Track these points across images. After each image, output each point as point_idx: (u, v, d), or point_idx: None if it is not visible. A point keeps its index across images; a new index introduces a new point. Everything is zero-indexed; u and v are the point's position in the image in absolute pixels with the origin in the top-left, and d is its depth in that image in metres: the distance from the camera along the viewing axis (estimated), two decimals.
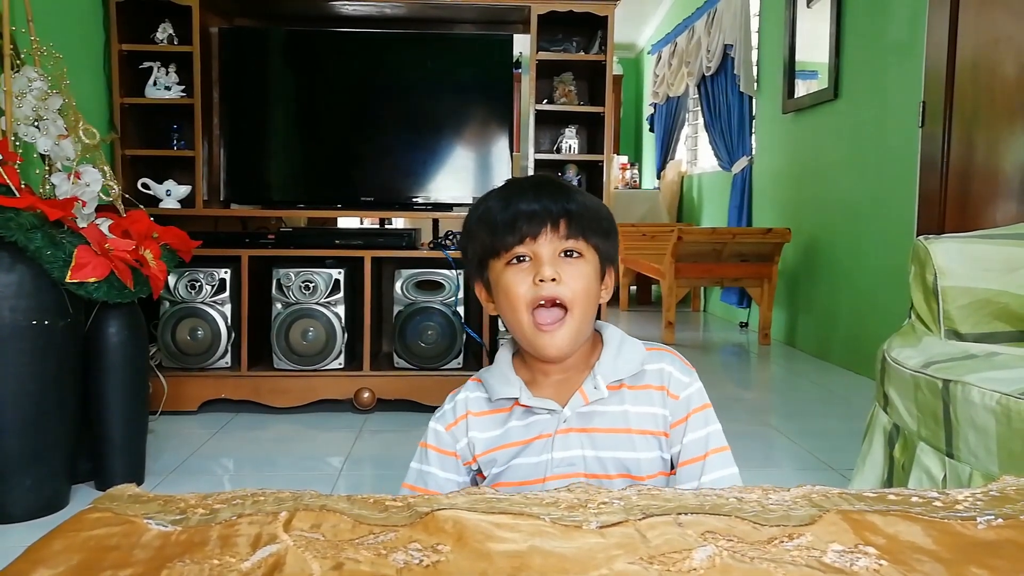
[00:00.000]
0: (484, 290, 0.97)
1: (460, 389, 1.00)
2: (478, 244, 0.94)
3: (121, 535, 0.50)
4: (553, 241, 0.89)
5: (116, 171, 2.64)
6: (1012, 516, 0.52)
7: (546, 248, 0.89)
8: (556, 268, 0.88)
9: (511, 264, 0.90)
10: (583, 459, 0.90)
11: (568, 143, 3.08)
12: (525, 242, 0.89)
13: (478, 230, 0.94)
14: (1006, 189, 2.40)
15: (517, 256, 0.90)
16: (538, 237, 0.89)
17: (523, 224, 0.89)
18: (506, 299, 0.91)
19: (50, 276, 1.72)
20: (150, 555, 0.47)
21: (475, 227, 0.95)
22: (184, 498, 0.56)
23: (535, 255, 0.89)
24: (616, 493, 0.56)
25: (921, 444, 1.39)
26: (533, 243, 0.89)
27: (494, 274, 0.93)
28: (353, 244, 2.75)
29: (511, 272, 0.90)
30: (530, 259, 0.90)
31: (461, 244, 1.00)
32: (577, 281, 0.89)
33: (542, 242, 0.89)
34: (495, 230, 0.91)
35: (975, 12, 2.51)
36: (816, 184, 3.79)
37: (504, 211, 0.91)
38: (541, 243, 0.89)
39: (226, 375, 2.66)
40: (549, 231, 0.89)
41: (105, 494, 0.57)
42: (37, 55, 1.96)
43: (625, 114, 7.89)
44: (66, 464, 1.84)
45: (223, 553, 0.48)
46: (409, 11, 2.93)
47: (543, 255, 0.89)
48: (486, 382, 0.98)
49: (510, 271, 0.90)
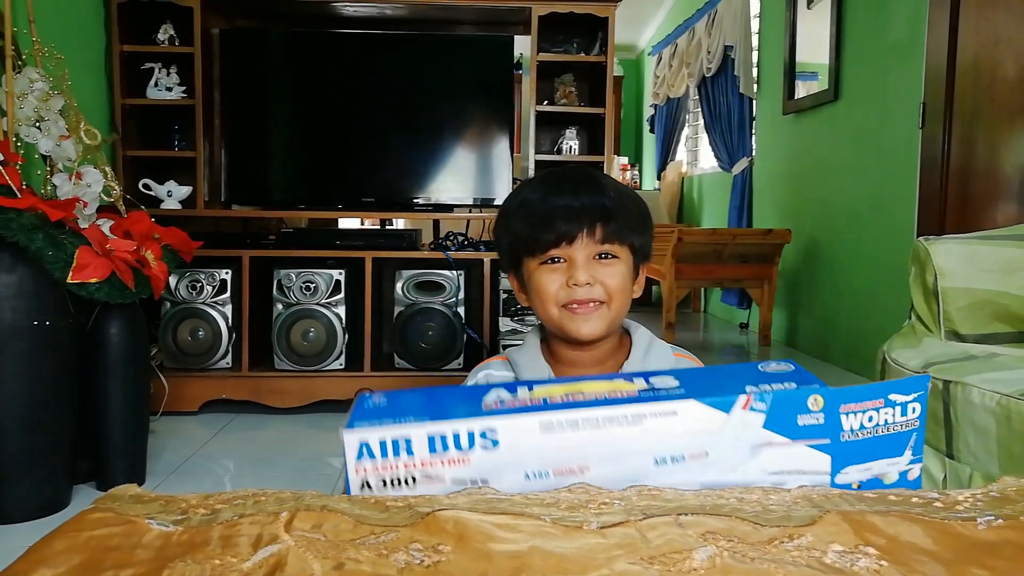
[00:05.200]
0: (516, 282, 0.98)
1: (480, 367, 1.00)
2: (512, 236, 0.94)
3: (122, 535, 0.50)
4: (589, 245, 0.89)
5: (117, 172, 2.64)
6: (1012, 516, 0.52)
7: (581, 252, 0.89)
8: (591, 271, 0.89)
9: (545, 264, 0.91)
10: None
11: (569, 144, 3.08)
12: (561, 245, 0.89)
13: (514, 221, 0.94)
14: (1006, 190, 2.41)
15: (552, 258, 0.91)
16: (574, 241, 0.89)
17: (560, 222, 0.89)
18: (538, 297, 0.92)
19: (51, 277, 1.73)
20: (151, 555, 0.47)
21: (511, 218, 0.95)
22: (185, 498, 0.56)
23: (570, 258, 0.90)
24: (616, 493, 0.56)
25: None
26: (569, 247, 0.89)
27: (527, 271, 0.93)
28: (354, 245, 2.75)
29: (545, 272, 0.91)
30: (565, 261, 0.90)
31: (496, 232, 1.00)
32: (611, 280, 0.90)
33: (578, 246, 0.89)
34: (531, 224, 0.91)
35: (975, 13, 2.51)
36: (816, 185, 3.79)
37: (542, 205, 0.91)
38: (577, 247, 0.89)
39: (227, 375, 2.66)
40: (585, 236, 0.89)
41: (107, 494, 0.57)
42: (39, 56, 1.97)
43: (625, 115, 7.89)
44: (67, 464, 1.84)
45: (224, 553, 0.48)
46: (410, 12, 2.93)
47: (578, 259, 0.89)
48: (513, 359, 0.98)
49: (544, 271, 0.91)
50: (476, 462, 0.60)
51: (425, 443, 0.59)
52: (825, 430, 0.59)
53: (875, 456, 0.59)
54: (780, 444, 0.59)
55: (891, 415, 0.60)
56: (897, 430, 0.60)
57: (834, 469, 0.59)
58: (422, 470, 0.59)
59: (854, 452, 0.59)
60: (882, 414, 0.60)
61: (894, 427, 0.60)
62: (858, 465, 0.59)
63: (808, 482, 0.59)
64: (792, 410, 0.59)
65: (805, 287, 3.96)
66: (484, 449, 0.60)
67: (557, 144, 3.11)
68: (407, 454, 0.59)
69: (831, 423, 0.59)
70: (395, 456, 0.59)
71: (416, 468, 0.59)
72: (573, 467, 0.60)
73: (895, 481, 0.60)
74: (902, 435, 0.60)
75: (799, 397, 0.60)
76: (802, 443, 0.59)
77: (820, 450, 0.59)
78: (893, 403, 0.60)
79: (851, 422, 0.59)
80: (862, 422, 0.59)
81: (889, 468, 0.60)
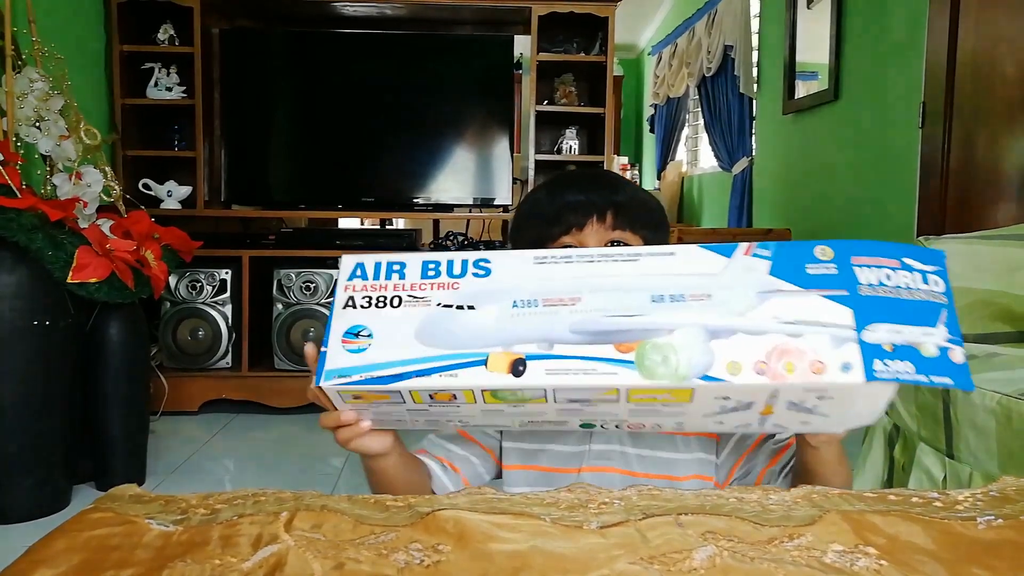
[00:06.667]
0: None
1: None
2: (525, 238, 0.93)
3: (122, 535, 0.50)
4: (599, 232, 0.87)
5: (117, 172, 2.64)
6: (1012, 516, 0.52)
7: (592, 239, 0.87)
8: None
9: None
10: (621, 455, 0.89)
11: (569, 144, 3.08)
12: (571, 232, 0.88)
13: (526, 223, 0.93)
14: (1006, 190, 2.40)
15: (563, 246, 0.88)
16: (584, 228, 0.87)
17: (569, 215, 0.88)
18: None
19: (51, 276, 1.73)
20: (151, 555, 0.47)
21: (523, 220, 0.94)
22: (185, 498, 0.56)
23: (581, 245, 0.88)
24: (616, 493, 0.56)
25: (921, 445, 1.39)
26: (579, 233, 0.87)
27: None
28: (354, 245, 2.75)
29: None
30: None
31: (511, 238, 0.99)
32: None
33: (588, 232, 0.87)
34: (542, 222, 0.90)
35: (975, 13, 2.51)
36: (816, 185, 3.79)
37: (551, 203, 0.90)
38: (587, 233, 0.87)
39: (227, 375, 2.66)
40: (595, 222, 0.87)
41: (107, 494, 0.57)
42: (38, 56, 1.97)
43: (625, 115, 7.88)
44: (67, 464, 1.85)
45: (224, 553, 0.48)
46: (410, 12, 2.93)
47: (590, 245, 0.87)
48: None
49: None
50: (465, 287, 0.61)
51: (419, 268, 0.62)
52: (840, 280, 0.56)
53: (904, 319, 0.56)
54: (791, 291, 0.57)
55: (911, 280, 0.57)
56: (922, 298, 0.56)
57: (859, 323, 0.55)
58: (410, 292, 0.62)
59: (877, 308, 0.56)
60: (900, 276, 0.57)
61: (918, 294, 0.56)
62: (886, 324, 0.55)
63: (830, 336, 0.56)
64: (799, 258, 0.57)
65: None
66: (475, 276, 0.61)
67: (557, 144, 3.11)
68: (399, 277, 0.62)
69: (845, 274, 0.56)
70: (387, 278, 0.62)
71: (405, 290, 0.62)
72: (564, 298, 0.59)
73: (935, 357, 0.55)
74: (930, 305, 0.56)
75: (805, 246, 0.58)
76: (816, 292, 0.57)
77: (838, 302, 0.56)
78: (910, 268, 0.57)
79: (867, 276, 0.56)
80: (880, 279, 0.56)
81: (924, 339, 0.55)
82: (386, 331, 0.61)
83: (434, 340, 0.60)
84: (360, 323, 0.61)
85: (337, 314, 0.62)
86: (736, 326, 0.57)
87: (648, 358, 0.57)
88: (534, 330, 0.59)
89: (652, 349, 0.57)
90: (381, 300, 0.62)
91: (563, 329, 0.58)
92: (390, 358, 0.60)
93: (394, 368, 0.59)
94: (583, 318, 0.58)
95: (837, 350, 0.55)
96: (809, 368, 0.55)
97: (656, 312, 0.58)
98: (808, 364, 0.55)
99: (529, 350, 0.58)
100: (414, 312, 0.61)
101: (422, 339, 0.60)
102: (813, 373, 0.55)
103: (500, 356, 0.58)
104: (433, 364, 0.59)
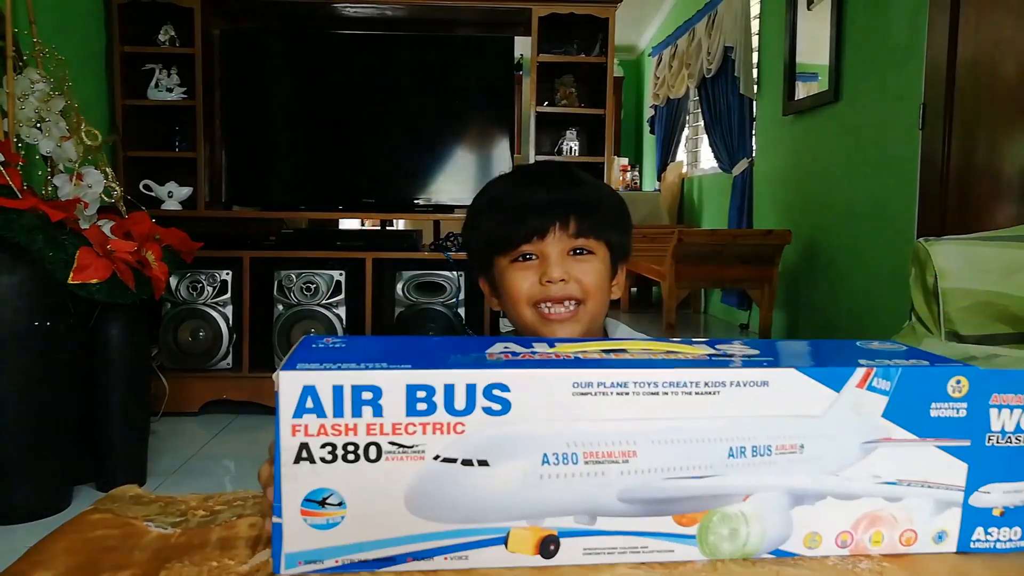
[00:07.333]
0: (487, 285, 0.92)
1: None
2: (482, 235, 0.89)
3: (121, 537, 0.50)
4: (562, 240, 0.85)
5: (118, 173, 2.64)
6: None
7: (554, 248, 0.84)
8: (564, 267, 0.84)
9: (517, 262, 0.86)
10: None
11: (569, 145, 3.08)
12: (532, 241, 0.84)
13: (483, 219, 0.89)
14: (1007, 191, 2.40)
15: (524, 255, 0.86)
16: (546, 236, 0.84)
17: (530, 218, 0.84)
18: (510, 297, 0.87)
19: (52, 277, 1.73)
20: (149, 557, 0.48)
21: (480, 215, 0.90)
22: (185, 500, 0.56)
23: (542, 254, 0.85)
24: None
25: None
26: (540, 242, 0.84)
27: (498, 270, 0.88)
28: (354, 246, 2.75)
29: (516, 270, 0.86)
30: (537, 258, 0.85)
31: (465, 233, 0.94)
32: (587, 277, 0.85)
33: (550, 240, 0.84)
34: (501, 221, 0.86)
35: (975, 14, 2.51)
36: (817, 186, 3.79)
37: (511, 200, 0.86)
38: (549, 242, 0.84)
39: (227, 376, 2.66)
40: (558, 229, 0.84)
41: (107, 495, 0.57)
42: (39, 57, 1.97)
43: (626, 116, 7.88)
44: (68, 465, 1.85)
45: (222, 555, 0.48)
46: (410, 13, 2.93)
47: (551, 254, 0.84)
48: None
49: (515, 269, 0.86)
50: (474, 431, 0.42)
51: (402, 396, 0.42)
52: (965, 427, 0.45)
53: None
54: (903, 441, 0.45)
55: None
56: None
57: (971, 484, 0.45)
58: (393, 438, 0.42)
59: (1002, 463, 0.45)
60: None
61: None
62: (1005, 484, 0.45)
63: (934, 500, 0.45)
64: (925, 395, 0.44)
65: (805, 288, 3.95)
66: (487, 413, 0.42)
67: (557, 145, 3.11)
68: (373, 413, 0.42)
69: (975, 418, 0.45)
70: (355, 415, 0.42)
71: (384, 433, 0.42)
72: (614, 451, 0.44)
73: None
74: None
75: (937, 376, 0.44)
76: (932, 442, 0.45)
77: (956, 455, 0.45)
78: None
79: (1003, 421, 0.44)
80: (1018, 421, 0.45)
81: None
82: (363, 497, 0.43)
83: (433, 511, 0.44)
84: (324, 486, 0.43)
85: (287, 471, 0.43)
86: (827, 489, 0.46)
87: (713, 532, 0.46)
88: (571, 498, 0.44)
89: (720, 521, 0.46)
90: (351, 450, 0.42)
91: (610, 496, 0.44)
92: (373, 536, 0.44)
93: (381, 550, 0.44)
94: (637, 481, 0.44)
95: (936, 517, 0.46)
96: (898, 539, 0.47)
97: (732, 472, 0.45)
98: (898, 535, 0.47)
99: (563, 524, 0.44)
100: (402, 469, 0.43)
101: (416, 509, 0.43)
102: (902, 545, 0.47)
103: (525, 532, 0.44)
104: (434, 544, 0.44)
